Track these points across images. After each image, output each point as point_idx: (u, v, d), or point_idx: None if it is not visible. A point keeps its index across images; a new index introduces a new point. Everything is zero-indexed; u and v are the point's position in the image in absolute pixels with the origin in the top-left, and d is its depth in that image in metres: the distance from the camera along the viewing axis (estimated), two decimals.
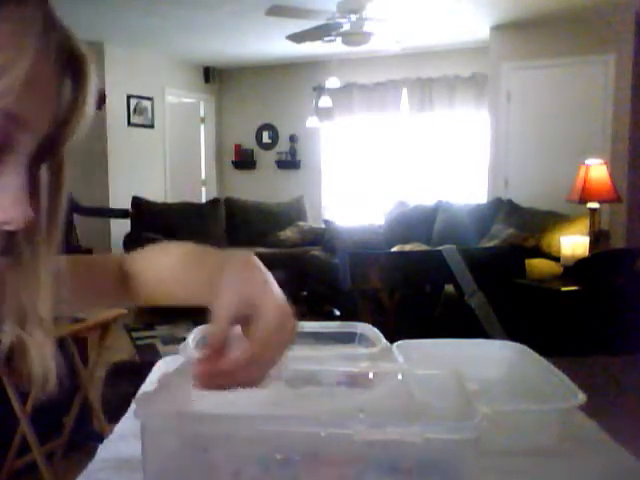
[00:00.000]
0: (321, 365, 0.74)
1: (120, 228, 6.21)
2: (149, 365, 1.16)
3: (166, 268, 0.75)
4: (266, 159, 8.04)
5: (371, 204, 7.27)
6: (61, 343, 2.52)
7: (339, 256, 5.04)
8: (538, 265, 3.85)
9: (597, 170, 4.24)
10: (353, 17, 4.69)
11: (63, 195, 0.58)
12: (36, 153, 0.52)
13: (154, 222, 6.30)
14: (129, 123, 6.86)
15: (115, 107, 6.52)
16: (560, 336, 3.04)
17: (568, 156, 5.33)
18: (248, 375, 0.62)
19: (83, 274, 0.77)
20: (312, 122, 7.05)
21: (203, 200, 7.85)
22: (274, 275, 0.66)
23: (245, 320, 0.63)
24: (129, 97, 6.82)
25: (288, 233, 6.73)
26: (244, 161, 8.14)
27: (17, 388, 2.35)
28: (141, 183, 6.94)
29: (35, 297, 0.58)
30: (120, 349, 4.55)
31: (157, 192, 7.16)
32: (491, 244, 4.71)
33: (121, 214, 4.37)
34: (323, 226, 6.59)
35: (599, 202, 4.23)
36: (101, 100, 2.90)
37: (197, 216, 6.67)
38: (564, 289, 3.35)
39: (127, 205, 6.10)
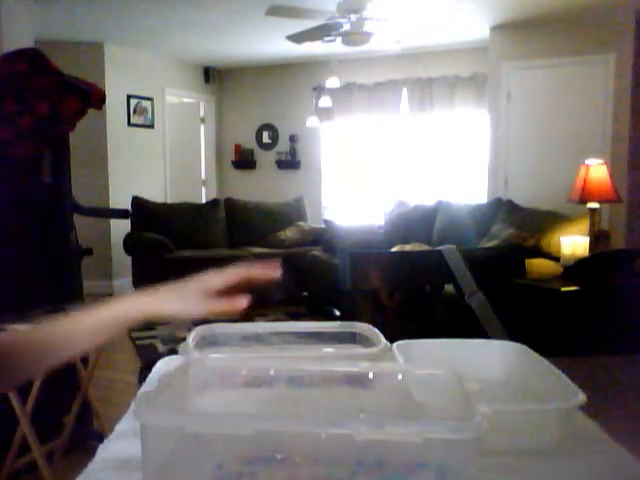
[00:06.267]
0: (321, 365, 0.74)
1: (120, 228, 6.20)
2: None
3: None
4: (266, 159, 8.04)
5: (371, 204, 7.27)
6: None
7: (339, 256, 5.04)
8: (538, 265, 3.85)
9: (597, 170, 4.24)
10: (353, 17, 4.69)
11: None
12: None
13: (154, 222, 6.30)
14: (129, 123, 6.86)
15: (115, 107, 6.52)
16: (560, 336, 3.03)
17: (568, 156, 5.33)
18: None
19: None
20: (312, 122, 7.05)
21: (203, 200, 7.85)
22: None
23: None
24: (129, 97, 6.82)
25: (288, 233, 6.73)
26: (244, 161, 8.14)
27: (17, 388, 2.35)
28: (141, 183, 6.94)
29: None
30: (120, 349, 4.55)
31: (157, 192, 7.16)
32: (491, 244, 4.70)
33: (121, 214, 4.35)
34: (323, 226, 6.59)
35: (599, 202, 4.23)
36: (101, 100, 2.90)
37: (197, 216, 6.67)
38: (564, 289, 3.34)
39: (127, 205, 6.10)
